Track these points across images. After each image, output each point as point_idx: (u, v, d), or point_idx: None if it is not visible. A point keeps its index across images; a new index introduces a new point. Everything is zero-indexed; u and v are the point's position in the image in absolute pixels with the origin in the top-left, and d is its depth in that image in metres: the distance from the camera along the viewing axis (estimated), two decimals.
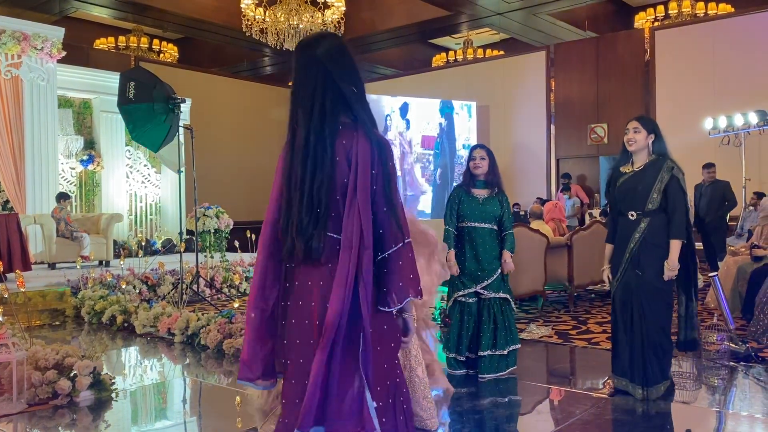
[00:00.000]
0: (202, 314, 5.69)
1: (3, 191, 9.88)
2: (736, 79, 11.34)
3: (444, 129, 13.24)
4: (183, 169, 7.33)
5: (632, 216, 3.73)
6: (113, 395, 4.01)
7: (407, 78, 15.95)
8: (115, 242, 10.25)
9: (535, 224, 7.28)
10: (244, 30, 11.10)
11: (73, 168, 11.39)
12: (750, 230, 8.26)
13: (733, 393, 4.02)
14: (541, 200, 11.38)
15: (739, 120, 10.23)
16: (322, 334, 1.94)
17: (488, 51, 17.13)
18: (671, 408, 3.67)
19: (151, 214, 12.42)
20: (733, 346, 4.65)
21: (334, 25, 11.03)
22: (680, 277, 3.76)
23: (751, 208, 9.06)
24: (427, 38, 16.83)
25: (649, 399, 3.69)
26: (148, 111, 6.69)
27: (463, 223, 4.33)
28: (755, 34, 11.31)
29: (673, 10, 13.98)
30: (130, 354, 5.56)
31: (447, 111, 13.30)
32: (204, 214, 8.91)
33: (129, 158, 12.03)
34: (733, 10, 13.29)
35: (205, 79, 15.04)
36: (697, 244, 8.36)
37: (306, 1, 10.96)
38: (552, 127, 13.69)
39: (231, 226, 9.45)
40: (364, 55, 16.78)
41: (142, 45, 15.82)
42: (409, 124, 12.83)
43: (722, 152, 10.57)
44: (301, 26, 10.90)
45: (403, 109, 12.87)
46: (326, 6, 11.07)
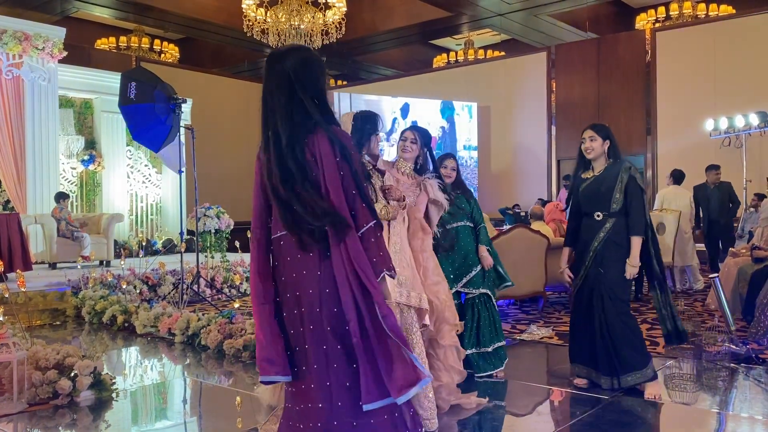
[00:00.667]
0: (203, 314, 5.69)
1: (4, 191, 9.89)
2: (737, 80, 11.35)
3: (446, 131, 13.25)
4: (184, 169, 7.33)
5: (598, 216, 3.91)
6: (114, 395, 4.01)
7: (408, 79, 15.96)
8: (115, 242, 10.25)
9: (535, 225, 7.28)
10: (245, 30, 11.11)
11: (74, 168, 11.39)
12: (751, 232, 8.26)
13: (733, 394, 4.02)
14: (542, 201, 11.37)
15: (740, 121, 10.23)
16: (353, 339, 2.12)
17: (489, 52, 17.14)
18: (671, 409, 3.67)
19: (151, 214, 12.42)
20: (734, 347, 4.65)
21: (335, 26, 11.04)
22: (646, 272, 3.96)
23: (752, 209, 9.05)
24: (428, 39, 16.84)
25: (622, 387, 3.81)
26: (149, 111, 6.69)
27: (444, 227, 4.35)
28: (756, 36, 11.31)
29: (674, 12, 13.99)
30: (131, 354, 5.57)
31: (448, 112, 13.31)
32: (205, 215, 8.91)
33: (130, 158, 12.04)
34: (734, 11, 13.30)
35: (206, 80, 15.05)
36: (698, 245, 8.43)
37: (307, 2, 10.96)
38: (553, 128, 13.69)
39: (231, 227, 9.45)
40: (364, 55, 16.82)
41: (143, 45, 15.83)
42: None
43: (723, 154, 10.58)
44: (302, 27, 10.91)
45: (404, 110, 12.89)
46: (327, 6, 11.07)
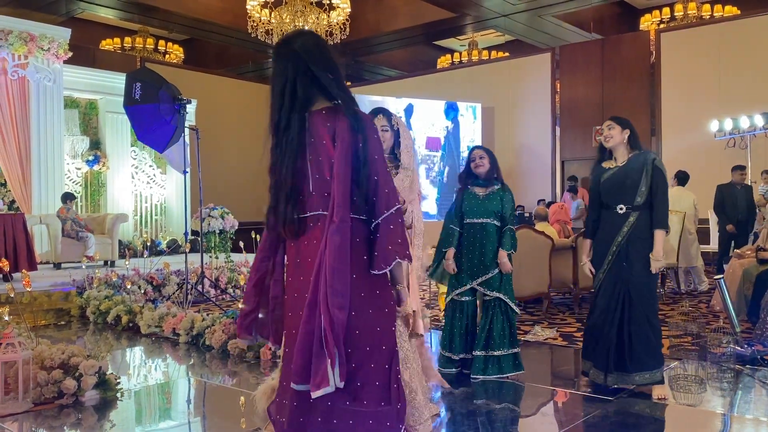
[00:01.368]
0: (207, 315, 5.70)
1: (9, 191, 9.92)
2: (741, 81, 11.31)
3: (450, 131, 13.25)
4: (188, 169, 7.34)
5: (621, 210, 3.81)
6: (118, 395, 4.02)
7: (412, 79, 15.96)
8: (120, 242, 10.28)
9: (539, 226, 7.27)
10: (249, 31, 11.13)
11: (79, 168, 11.42)
12: (756, 233, 8.24)
13: (738, 396, 4.01)
14: (544, 202, 11.35)
15: (744, 122, 10.20)
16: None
17: (493, 53, 17.13)
18: (676, 411, 3.66)
19: (156, 215, 12.45)
20: (739, 349, 4.63)
21: (340, 27, 11.05)
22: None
23: (758, 211, 9.02)
24: (432, 40, 16.85)
25: (628, 384, 3.79)
26: (153, 112, 6.70)
27: (466, 220, 4.32)
28: (761, 36, 11.28)
29: (678, 12, 13.97)
30: (135, 354, 5.58)
31: (452, 112, 13.31)
32: (209, 215, 8.93)
33: (134, 159, 12.07)
34: (739, 12, 13.27)
35: (210, 80, 15.08)
36: (703, 247, 8.39)
37: (311, 3, 10.98)
38: (557, 128, 13.67)
39: (236, 227, 9.48)
40: (368, 56, 16.83)
41: (147, 46, 15.87)
42: (410, 126, 12.82)
43: (728, 154, 10.54)
44: (307, 27, 10.91)
45: (408, 111, 12.89)
46: (332, 7, 11.09)
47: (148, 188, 12.29)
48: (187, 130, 7.07)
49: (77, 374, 3.89)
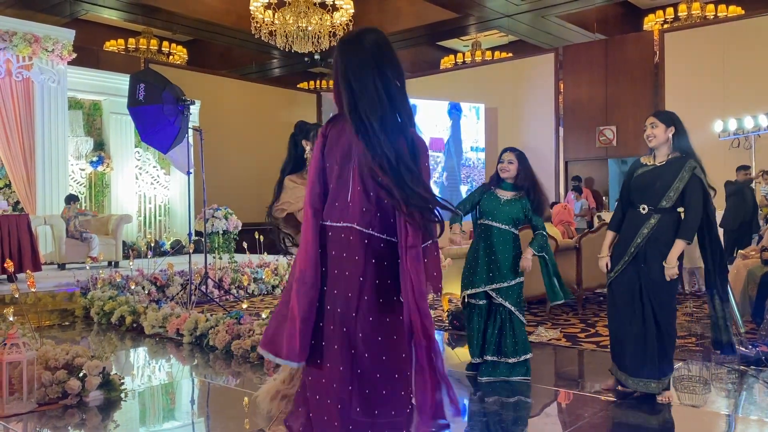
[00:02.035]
0: (211, 315, 5.71)
1: (14, 192, 9.95)
2: (745, 81, 11.28)
3: (450, 131, 13.24)
4: (192, 170, 7.36)
5: (644, 210, 3.69)
6: (122, 395, 4.03)
7: (415, 80, 15.94)
8: (124, 243, 10.30)
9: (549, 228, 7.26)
10: (253, 32, 11.14)
11: (83, 169, 11.45)
12: (760, 235, 8.21)
13: (742, 397, 3.99)
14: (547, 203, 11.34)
15: (749, 122, 10.18)
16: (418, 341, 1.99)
17: (496, 53, 17.12)
18: (680, 412, 3.65)
19: (160, 216, 12.47)
20: (743, 349, 4.62)
21: (343, 28, 11.06)
22: (711, 276, 3.75)
23: (760, 211, 9.02)
24: (435, 40, 16.83)
25: (659, 390, 3.70)
26: (157, 113, 6.72)
27: (480, 221, 4.28)
28: (765, 36, 11.25)
29: (682, 12, 13.94)
30: (139, 354, 5.59)
31: (455, 113, 13.30)
32: (213, 216, 8.94)
33: (138, 159, 12.09)
34: (743, 12, 13.23)
35: (214, 81, 15.10)
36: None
37: (315, 4, 10.98)
38: (560, 129, 13.65)
39: (239, 228, 9.48)
40: None
41: (151, 47, 15.90)
42: (421, 127, 12.82)
43: (732, 155, 10.52)
44: (310, 29, 10.93)
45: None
46: (335, 8, 11.09)
47: (151, 189, 12.32)
48: (190, 131, 7.09)
49: (81, 375, 3.90)
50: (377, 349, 2.04)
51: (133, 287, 7.17)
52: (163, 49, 16.20)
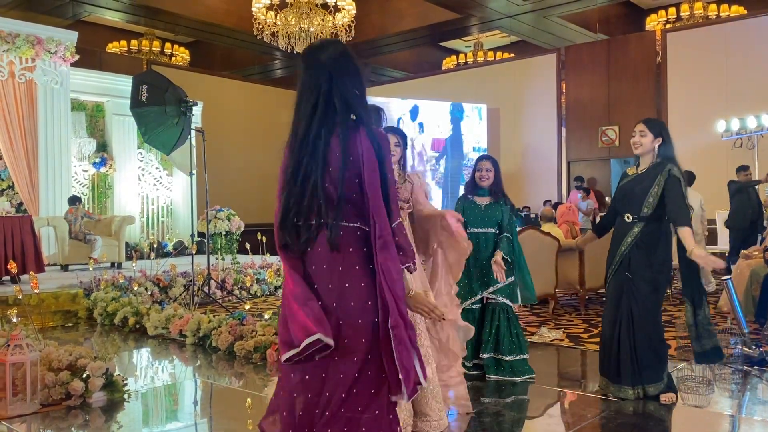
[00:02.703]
0: (214, 316, 5.71)
1: (17, 193, 9.97)
2: (748, 81, 11.27)
3: (451, 132, 13.24)
4: (194, 171, 7.37)
5: (628, 218, 3.74)
6: (125, 396, 4.04)
7: (417, 81, 15.96)
8: (127, 244, 10.31)
9: (546, 227, 7.26)
10: (255, 33, 11.15)
11: (86, 170, 11.47)
12: (763, 237, 8.20)
13: (746, 397, 3.99)
14: (550, 203, 11.33)
15: (751, 122, 10.17)
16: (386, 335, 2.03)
17: (498, 54, 17.12)
18: (684, 412, 3.65)
19: (162, 217, 12.48)
20: (747, 350, 4.62)
21: (345, 29, 11.06)
22: (684, 284, 3.75)
23: (766, 212, 8.99)
24: (437, 41, 16.84)
25: (639, 396, 3.71)
26: (160, 114, 6.74)
27: (467, 231, 4.33)
28: (767, 36, 11.24)
29: (684, 12, 13.92)
30: (142, 355, 5.59)
31: (456, 114, 13.30)
32: (215, 217, 8.95)
33: (141, 161, 12.11)
34: (746, 11, 13.21)
35: (216, 82, 15.12)
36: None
37: (317, 5, 10.99)
38: (563, 129, 13.65)
39: (242, 229, 9.49)
40: (374, 57, 16.84)
41: (154, 48, 15.93)
42: (423, 127, 12.82)
43: (735, 155, 10.50)
44: (312, 29, 10.94)
45: (413, 112, 12.88)
46: (337, 9, 11.10)
47: (154, 190, 12.33)
48: (193, 132, 7.10)
49: (85, 376, 3.91)
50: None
51: (136, 288, 7.18)
52: (165, 50, 16.23)
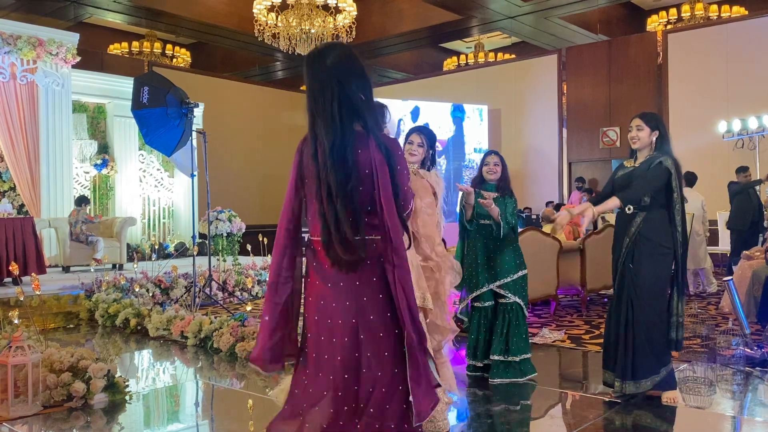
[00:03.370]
0: (215, 317, 5.71)
1: (18, 195, 9.98)
2: (749, 81, 11.26)
3: (453, 133, 13.24)
4: (196, 173, 7.37)
5: (629, 210, 3.75)
6: (127, 398, 4.04)
7: (418, 82, 15.96)
8: (128, 246, 10.31)
9: (547, 228, 7.26)
10: (256, 35, 11.16)
11: (87, 172, 11.48)
12: (765, 238, 8.18)
13: (748, 398, 3.98)
14: (553, 204, 11.32)
15: (753, 123, 10.16)
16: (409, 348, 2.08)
17: (500, 54, 17.12)
18: (685, 413, 3.65)
19: (164, 218, 12.49)
20: (749, 350, 4.61)
21: (346, 30, 11.07)
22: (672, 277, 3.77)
23: (766, 212, 8.98)
24: (438, 42, 16.85)
25: (626, 393, 3.70)
26: (161, 115, 6.74)
27: (477, 223, 4.33)
28: None
29: (685, 13, 13.92)
30: (144, 357, 5.60)
31: (458, 115, 13.29)
32: (217, 218, 8.96)
33: (142, 162, 12.12)
34: (747, 12, 13.21)
35: (217, 84, 15.13)
36: (713, 249, 8.33)
37: (318, 6, 11.00)
38: (564, 130, 13.64)
39: (243, 230, 9.49)
40: (375, 59, 16.85)
41: (155, 50, 15.95)
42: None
43: (736, 155, 10.50)
44: (313, 31, 10.94)
45: (414, 113, 12.88)
46: (338, 11, 11.11)
47: (155, 192, 12.34)
48: (194, 134, 7.10)
49: (86, 377, 3.91)
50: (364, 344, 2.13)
51: (137, 290, 7.18)
52: (166, 52, 16.25)
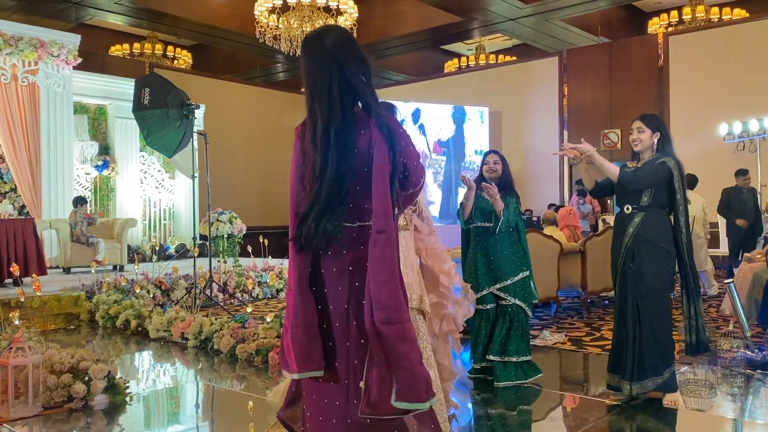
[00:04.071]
0: (216, 319, 5.71)
1: (19, 196, 9.99)
2: (750, 84, 11.26)
3: (453, 135, 13.24)
4: (197, 174, 7.37)
5: (627, 210, 3.74)
6: (127, 399, 4.04)
7: (419, 84, 15.97)
8: (129, 247, 10.32)
9: (548, 230, 7.26)
10: (257, 36, 11.17)
11: (88, 173, 11.49)
12: (766, 237, 8.18)
13: (749, 401, 3.98)
14: (554, 207, 11.32)
15: (754, 125, 10.15)
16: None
17: (500, 57, 17.13)
18: (686, 416, 3.64)
19: (164, 219, 12.50)
20: (749, 353, 4.60)
21: None
22: (682, 277, 3.75)
23: (767, 214, 8.97)
24: (439, 44, 16.86)
25: (633, 394, 3.68)
26: (162, 117, 6.75)
27: (474, 224, 4.32)
28: None
29: (686, 15, 13.92)
30: (144, 358, 5.60)
31: (459, 117, 13.30)
32: (217, 219, 8.96)
33: (143, 164, 12.13)
34: (747, 14, 13.21)
35: (218, 85, 15.14)
36: (711, 251, 8.33)
37: (319, 8, 11.01)
38: (565, 132, 13.64)
39: (244, 231, 9.50)
40: (376, 61, 16.86)
41: (156, 51, 15.97)
42: (425, 130, 12.81)
43: (737, 158, 10.49)
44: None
45: (415, 115, 12.89)
46: (339, 12, 11.12)
47: (156, 193, 12.35)
48: (195, 135, 7.11)
49: (86, 378, 3.91)
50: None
51: (137, 291, 7.18)
52: (167, 53, 16.27)
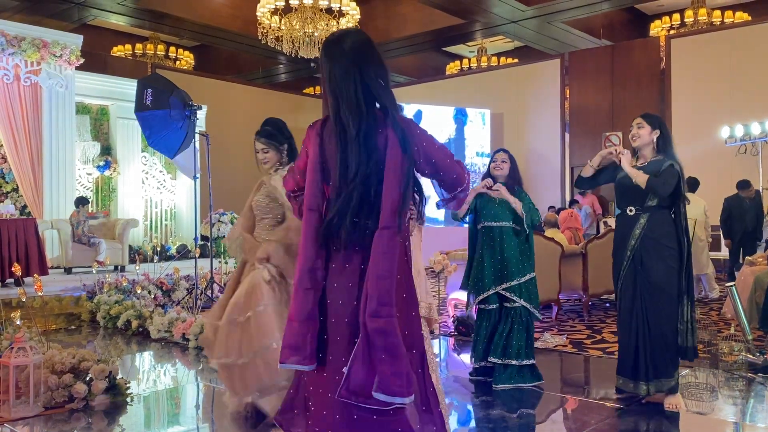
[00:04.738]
0: None
1: (21, 196, 10.00)
2: (752, 87, 11.26)
3: (454, 136, 13.25)
4: (198, 175, 7.38)
5: (631, 211, 3.70)
6: (128, 399, 4.04)
7: (421, 86, 15.97)
8: (130, 247, 10.33)
9: (549, 233, 7.26)
10: (259, 38, 11.19)
11: (90, 174, 11.50)
12: (767, 240, 8.17)
13: (750, 404, 3.97)
14: (554, 209, 11.31)
15: (756, 128, 10.15)
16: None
17: (502, 59, 17.13)
18: (687, 419, 3.64)
19: (166, 220, 12.51)
20: (751, 357, 4.60)
21: None
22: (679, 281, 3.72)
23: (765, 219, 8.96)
24: (441, 46, 16.86)
25: (651, 394, 3.66)
26: (164, 117, 6.76)
27: (481, 224, 4.29)
28: None
29: (688, 18, 13.92)
30: (145, 359, 5.60)
31: (460, 119, 13.31)
32: (219, 220, 8.96)
33: (145, 164, 12.14)
34: (750, 18, 13.21)
35: (220, 86, 15.15)
36: (713, 254, 8.33)
37: (321, 10, 11.02)
38: (566, 135, 13.64)
39: None
40: None
41: (158, 52, 15.99)
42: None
43: (739, 161, 10.49)
44: (316, 34, 10.97)
45: (417, 117, 12.89)
46: (341, 14, 11.13)
47: (158, 193, 12.36)
48: (197, 136, 7.11)
49: (87, 378, 3.92)
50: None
51: (139, 291, 7.18)
52: (170, 54, 16.28)
